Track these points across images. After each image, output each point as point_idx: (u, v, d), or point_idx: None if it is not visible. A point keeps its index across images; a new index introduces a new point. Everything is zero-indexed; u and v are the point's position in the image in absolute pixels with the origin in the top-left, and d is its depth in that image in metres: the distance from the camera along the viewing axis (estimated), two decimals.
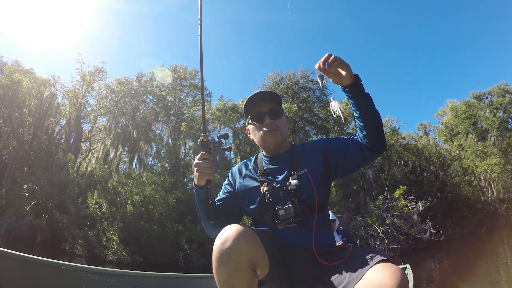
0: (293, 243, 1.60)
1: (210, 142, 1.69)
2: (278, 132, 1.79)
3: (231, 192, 1.87)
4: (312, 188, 1.66)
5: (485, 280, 8.47)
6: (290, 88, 20.68)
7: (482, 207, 24.60)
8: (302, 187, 1.67)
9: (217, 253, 1.34)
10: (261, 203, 1.72)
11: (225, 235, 1.35)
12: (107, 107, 23.13)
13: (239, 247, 1.32)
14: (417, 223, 15.84)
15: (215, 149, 1.71)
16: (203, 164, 1.63)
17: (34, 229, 15.69)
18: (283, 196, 1.68)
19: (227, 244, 1.32)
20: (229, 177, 1.93)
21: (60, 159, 20.40)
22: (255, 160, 1.91)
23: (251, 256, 1.35)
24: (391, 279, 1.20)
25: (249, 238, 1.36)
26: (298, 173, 1.70)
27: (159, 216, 14.03)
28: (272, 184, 1.72)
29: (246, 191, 1.80)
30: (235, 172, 1.92)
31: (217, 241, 1.36)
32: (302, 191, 1.67)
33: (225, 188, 1.90)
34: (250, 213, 1.81)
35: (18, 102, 21.80)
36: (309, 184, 1.67)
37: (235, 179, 1.89)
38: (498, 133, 27.46)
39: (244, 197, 1.80)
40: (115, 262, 12.32)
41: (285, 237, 1.61)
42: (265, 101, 1.82)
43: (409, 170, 23.56)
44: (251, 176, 1.83)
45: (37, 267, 2.86)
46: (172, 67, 23.66)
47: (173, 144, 22.12)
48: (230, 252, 1.31)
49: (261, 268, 1.39)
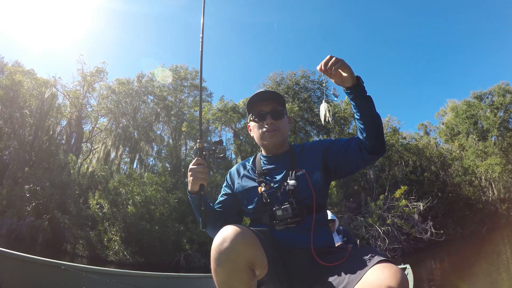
0: (291, 243, 1.60)
1: (205, 149, 1.70)
2: (278, 132, 1.79)
3: (230, 193, 1.87)
4: (310, 188, 1.66)
5: (486, 280, 8.47)
6: (291, 88, 20.70)
7: (483, 207, 24.59)
8: (300, 187, 1.66)
9: (215, 254, 1.34)
10: (259, 203, 1.71)
11: (223, 236, 1.35)
12: (108, 108, 23.14)
13: (237, 247, 1.32)
14: (418, 223, 15.84)
15: (210, 155, 1.72)
16: (197, 169, 1.63)
17: (36, 229, 15.71)
18: (280, 196, 1.67)
19: (225, 245, 1.32)
20: (227, 179, 1.93)
21: (61, 159, 20.41)
22: (253, 161, 1.91)
23: (249, 256, 1.34)
24: (391, 279, 1.19)
25: (247, 238, 1.36)
26: (297, 174, 1.70)
27: (160, 216, 14.03)
28: (270, 185, 1.72)
29: (244, 192, 1.79)
30: (233, 173, 1.92)
31: (215, 241, 1.36)
32: (300, 192, 1.66)
33: (223, 190, 1.90)
34: (248, 214, 1.81)
35: (19, 102, 21.82)
36: (307, 184, 1.67)
37: (233, 180, 1.89)
38: (499, 133, 27.44)
39: (243, 197, 1.80)
40: (116, 263, 12.33)
41: (284, 238, 1.61)
42: (268, 101, 1.82)
43: (410, 170, 23.56)
44: (249, 177, 1.83)
45: (37, 267, 2.86)
46: (172, 67, 23.69)
47: (174, 144, 22.14)
48: (229, 253, 1.31)
49: (260, 268, 1.39)
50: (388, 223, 15.03)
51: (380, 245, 14.46)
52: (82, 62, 23.27)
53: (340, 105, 22.22)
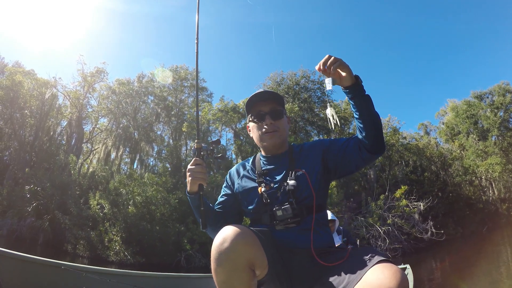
0: (291, 243, 1.60)
1: (203, 149, 1.70)
2: (277, 133, 1.78)
3: (230, 194, 1.86)
4: (310, 188, 1.66)
5: (486, 280, 8.48)
6: (291, 88, 20.72)
7: (483, 207, 24.58)
8: (300, 187, 1.66)
9: (215, 254, 1.34)
10: (259, 203, 1.71)
11: (223, 236, 1.35)
12: (108, 108, 23.14)
13: (238, 247, 1.32)
14: (418, 223, 15.84)
15: (208, 156, 1.72)
16: (196, 169, 1.63)
17: (36, 230, 15.71)
18: (280, 196, 1.67)
19: (226, 245, 1.32)
20: (227, 179, 1.93)
21: (62, 160, 20.42)
22: (253, 161, 1.91)
23: (249, 257, 1.34)
24: (391, 279, 1.19)
25: (247, 238, 1.36)
26: (296, 174, 1.70)
27: (161, 216, 14.05)
28: (270, 185, 1.71)
29: (244, 192, 1.79)
30: (233, 174, 1.92)
31: (216, 241, 1.36)
32: (300, 192, 1.66)
33: (223, 191, 1.90)
34: (248, 214, 1.81)
35: (20, 103, 21.84)
36: (307, 184, 1.67)
37: (233, 180, 1.89)
38: (499, 132, 27.42)
39: (242, 198, 1.80)
40: (117, 263, 12.35)
41: (284, 238, 1.61)
42: (267, 101, 1.82)
43: (410, 170, 23.55)
44: (249, 177, 1.83)
45: (37, 267, 2.85)
46: (173, 67, 23.70)
47: (174, 144, 22.14)
48: (229, 253, 1.31)
49: (260, 268, 1.39)
50: (388, 223, 15.03)
51: (380, 245, 14.47)
52: (82, 63, 23.38)
53: (341, 105, 22.24)
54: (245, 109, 1.93)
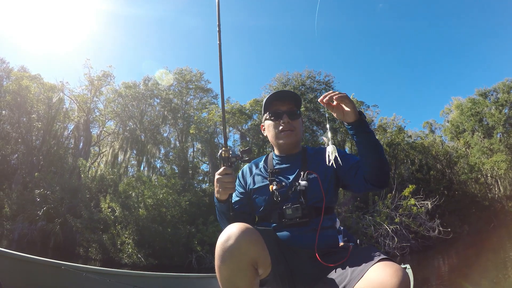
0: (297, 243, 1.63)
1: (232, 157, 1.68)
2: (293, 132, 1.83)
3: (244, 192, 1.90)
4: (321, 192, 1.70)
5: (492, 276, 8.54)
6: (297, 89, 20.68)
7: (489, 204, 24.51)
8: (311, 189, 1.70)
9: (219, 251, 1.36)
10: (270, 201, 1.74)
11: (228, 234, 1.37)
12: (114, 111, 23.22)
13: (242, 245, 1.33)
14: (425, 221, 15.88)
15: (236, 162, 1.70)
16: (225, 179, 1.61)
17: (47, 233, 15.81)
18: (291, 195, 1.71)
19: (230, 242, 1.34)
20: (239, 178, 1.96)
21: (70, 163, 20.54)
22: (265, 159, 1.95)
23: (253, 255, 1.36)
24: (392, 277, 1.21)
25: (252, 237, 1.37)
26: (309, 176, 1.74)
27: (171, 218, 14.15)
28: (281, 183, 1.75)
29: (256, 190, 1.83)
30: (245, 172, 1.96)
31: (220, 239, 1.38)
32: (311, 194, 1.70)
33: (237, 189, 1.92)
34: (258, 211, 1.84)
35: (27, 107, 21.93)
36: (318, 188, 1.71)
37: (245, 178, 1.93)
38: (504, 129, 27.35)
39: (254, 195, 1.84)
40: (130, 265, 12.42)
41: (289, 237, 1.65)
42: (285, 101, 1.86)
43: (416, 169, 23.53)
44: (261, 175, 1.87)
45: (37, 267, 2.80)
46: (177, 70, 23.77)
47: (180, 146, 22.23)
48: (233, 250, 1.33)
49: (263, 267, 1.40)
50: (396, 222, 15.09)
51: (389, 243, 14.52)
52: (89, 67, 23.41)
53: None
54: (253, 110, 2.00)
